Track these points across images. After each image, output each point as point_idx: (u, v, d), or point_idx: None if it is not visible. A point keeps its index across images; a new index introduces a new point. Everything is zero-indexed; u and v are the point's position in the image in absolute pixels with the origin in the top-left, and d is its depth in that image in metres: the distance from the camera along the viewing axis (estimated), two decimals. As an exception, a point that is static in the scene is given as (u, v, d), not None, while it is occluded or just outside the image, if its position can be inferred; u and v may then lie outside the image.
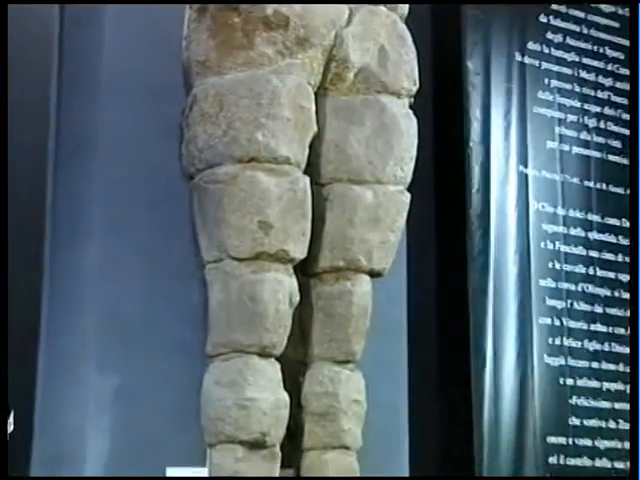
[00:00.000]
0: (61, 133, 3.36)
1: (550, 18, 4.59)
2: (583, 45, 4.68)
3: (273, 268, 3.00)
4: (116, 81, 3.33)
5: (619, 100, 4.75)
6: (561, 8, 4.64)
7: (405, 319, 3.76)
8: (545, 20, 4.58)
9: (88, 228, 3.31)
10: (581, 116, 4.62)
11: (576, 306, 4.42)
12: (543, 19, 4.57)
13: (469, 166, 4.23)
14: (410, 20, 3.37)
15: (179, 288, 3.27)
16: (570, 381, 4.32)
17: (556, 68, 4.58)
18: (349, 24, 3.19)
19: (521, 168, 4.39)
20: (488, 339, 4.13)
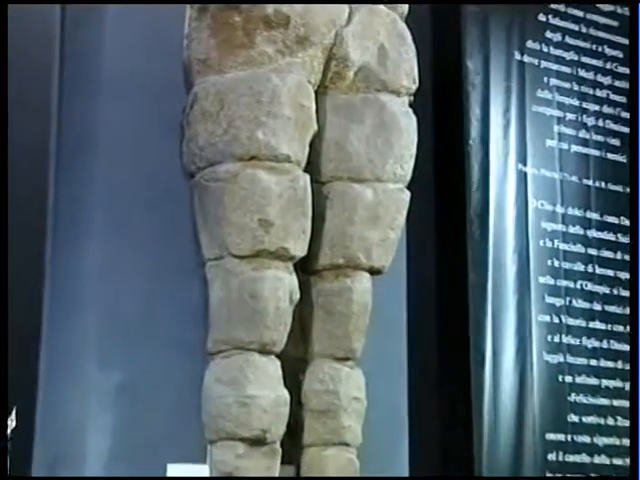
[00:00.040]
0: (62, 133, 3.36)
1: (549, 17, 4.58)
2: (582, 44, 4.67)
3: (273, 266, 3.01)
4: (117, 81, 3.33)
5: (618, 99, 4.74)
6: (560, 7, 4.63)
7: (405, 316, 3.76)
8: (544, 19, 4.58)
9: (89, 227, 3.31)
10: (580, 114, 4.62)
11: (575, 304, 4.42)
12: (542, 18, 4.57)
13: (468, 164, 4.23)
14: (410, 19, 3.38)
15: (180, 286, 3.26)
16: (569, 378, 4.32)
17: (555, 67, 4.57)
18: (349, 23, 3.20)
19: (520, 166, 4.39)
20: (487, 336, 4.13)
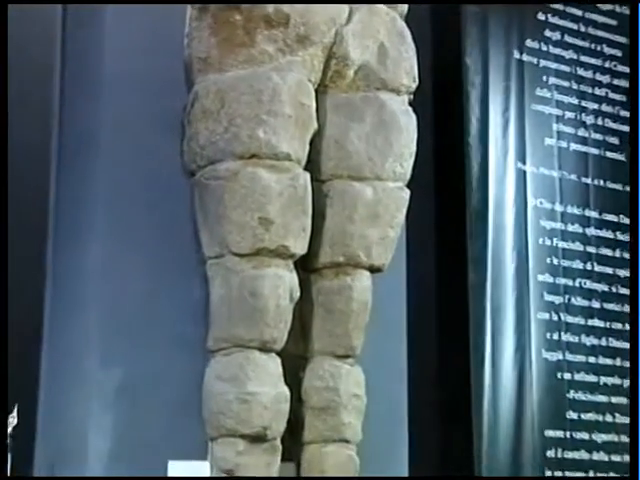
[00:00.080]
0: (64, 133, 3.36)
1: (548, 16, 4.60)
2: (581, 43, 4.69)
3: (274, 264, 3.02)
4: (118, 80, 3.33)
5: (617, 97, 4.76)
6: (559, 6, 4.64)
7: (404, 314, 3.76)
8: (543, 18, 4.59)
9: (90, 226, 3.31)
10: (579, 113, 4.63)
11: (574, 301, 4.43)
12: (541, 17, 4.58)
13: (468, 163, 4.24)
14: (410, 18, 3.39)
15: (180, 284, 3.27)
16: (568, 375, 4.34)
17: (554, 66, 4.59)
18: (349, 22, 3.21)
19: (519, 165, 4.40)
20: (487, 334, 4.14)
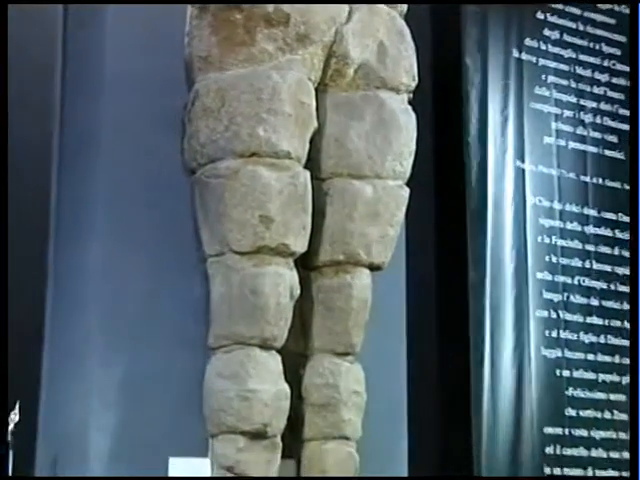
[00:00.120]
0: (65, 132, 3.37)
1: (547, 15, 4.61)
2: (580, 42, 4.70)
3: (274, 262, 3.03)
4: (119, 79, 3.32)
5: (615, 96, 4.77)
6: (558, 5, 4.65)
7: (404, 312, 3.76)
8: (542, 17, 4.60)
9: (91, 225, 3.30)
10: (578, 112, 4.64)
11: (572, 299, 4.44)
12: (540, 16, 4.59)
13: (467, 161, 4.26)
14: (409, 17, 3.40)
15: (181, 282, 3.27)
16: (566, 373, 4.36)
17: (553, 64, 4.60)
18: (349, 21, 3.22)
19: (518, 163, 4.41)
20: (486, 331, 4.15)
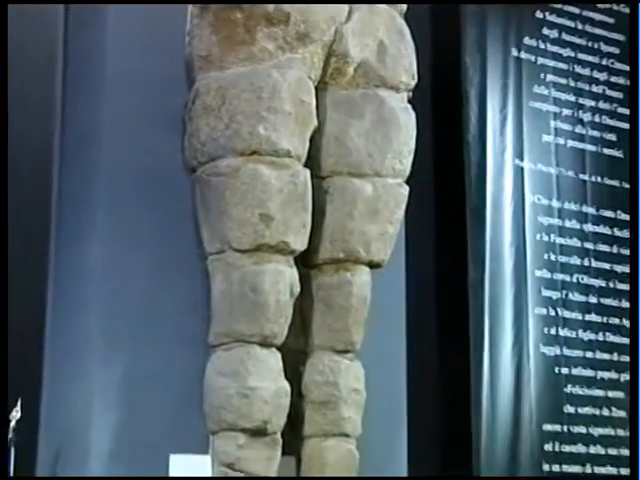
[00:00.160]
0: (66, 132, 3.37)
1: (546, 14, 4.62)
2: (578, 40, 4.71)
3: (274, 259, 3.04)
4: (119, 79, 3.31)
5: (614, 94, 4.78)
6: (557, 4, 4.67)
7: (404, 309, 3.77)
8: (541, 16, 4.61)
9: (92, 224, 3.30)
10: (576, 110, 4.66)
11: (571, 297, 4.46)
12: (539, 15, 4.61)
13: (466, 160, 4.27)
14: (409, 16, 3.41)
15: (181, 280, 3.27)
16: (565, 370, 4.37)
17: (552, 63, 4.61)
18: (349, 20, 3.23)
19: (517, 161, 4.43)
20: (485, 329, 4.17)
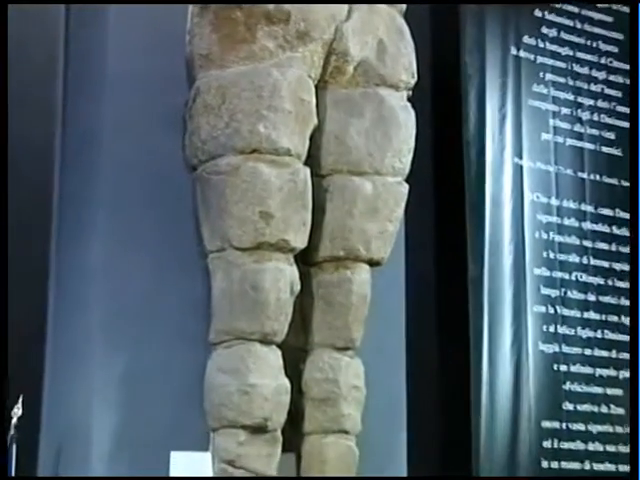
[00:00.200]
0: (67, 132, 3.37)
1: (545, 13, 4.62)
2: (577, 39, 4.71)
3: (274, 257, 3.06)
4: (120, 79, 3.32)
5: (612, 93, 4.78)
6: (555, 3, 4.67)
7: (403, 307, 3.78)
8: (540, 15, 4.61)
9: (93, 224, 3.30)
10: (575, 109, 4.66)
11: (570, 294, 4.46)
12: (538, 14, 4.61)
13: (466, 158, 4.27)
14: (409, 15, 3.42)
15: (182, 278, 3.28)
16: (564, 367, 4.38)
17: (551, 62, 4.61)
18: (349, 18, 3.24)
19: (516, 160, 4.43)
20: (484, 327, 4.17)
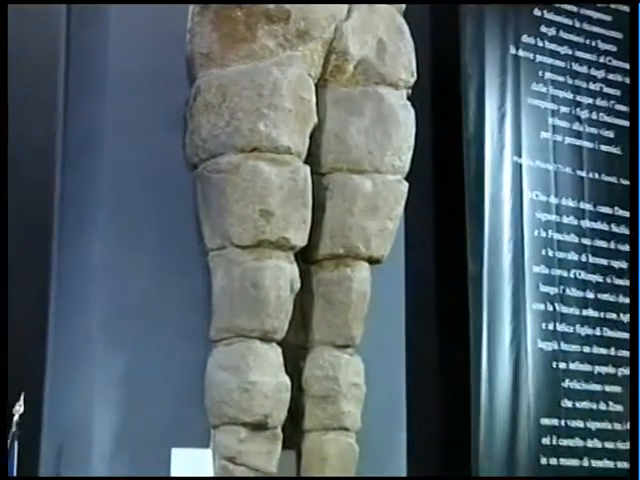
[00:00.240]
0: (68, 132, 3.38)
1: (544, 12, 4.64)
2: (576, 38, 4.73)
3: (274, 255, 3.06)
4: (122, 79, 3.32)
5: (611, 91, 4.80)
6: (555, 2, 4.68)
7: (403, 305, 3.78)
8: (539, 14, 4.63)
9: (94, 223, 3.31)
10: (574, 107, 4.68)
11: (569, 292, 4.48)
12: (537, 13, 4.62)
13: (465, 156, 4.29)
14: (408, 14, 3.42)
15: (183, 276, 3.28)
16: (563, 365, 4.39)
17: (550, 61, 4.63)
18: (349, 17, 3.25)
19: (515, 158, 4.45)
20: (483, 325, 4.19)
